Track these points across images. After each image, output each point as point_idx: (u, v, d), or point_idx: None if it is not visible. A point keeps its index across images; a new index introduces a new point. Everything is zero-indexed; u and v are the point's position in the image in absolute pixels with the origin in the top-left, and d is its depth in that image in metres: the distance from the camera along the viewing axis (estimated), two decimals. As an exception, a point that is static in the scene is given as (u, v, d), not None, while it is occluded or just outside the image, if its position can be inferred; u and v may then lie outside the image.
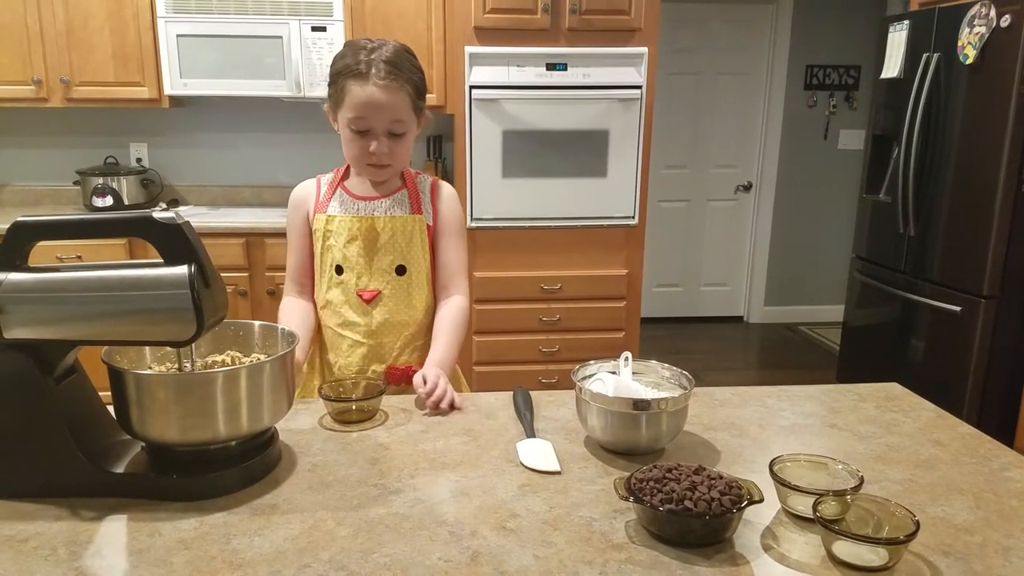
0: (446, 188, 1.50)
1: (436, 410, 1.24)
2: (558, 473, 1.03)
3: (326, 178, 1.48)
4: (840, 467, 0.95)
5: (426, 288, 1.46)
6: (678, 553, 0.84)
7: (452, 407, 1.25)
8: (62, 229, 0.95)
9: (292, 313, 1.45)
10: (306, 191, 1.47)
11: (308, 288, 1.49)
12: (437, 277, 1.48)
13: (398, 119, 1.33)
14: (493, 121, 3.12)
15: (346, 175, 1.47)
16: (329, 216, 1.42)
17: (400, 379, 1.43)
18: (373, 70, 1.29)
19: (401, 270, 1.43)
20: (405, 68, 1.33)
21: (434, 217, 1.46)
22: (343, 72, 1.32)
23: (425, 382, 1.25)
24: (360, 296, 1.42)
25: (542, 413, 1.25)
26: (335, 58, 1.35)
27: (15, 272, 0.92)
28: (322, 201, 1.45)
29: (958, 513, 0.94)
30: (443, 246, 1.47)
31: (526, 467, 1.05)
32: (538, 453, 1.08)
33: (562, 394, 1.33)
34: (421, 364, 1.41)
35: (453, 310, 1.45)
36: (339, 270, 1.42)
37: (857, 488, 0.90)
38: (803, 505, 0.90)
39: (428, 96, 3.30)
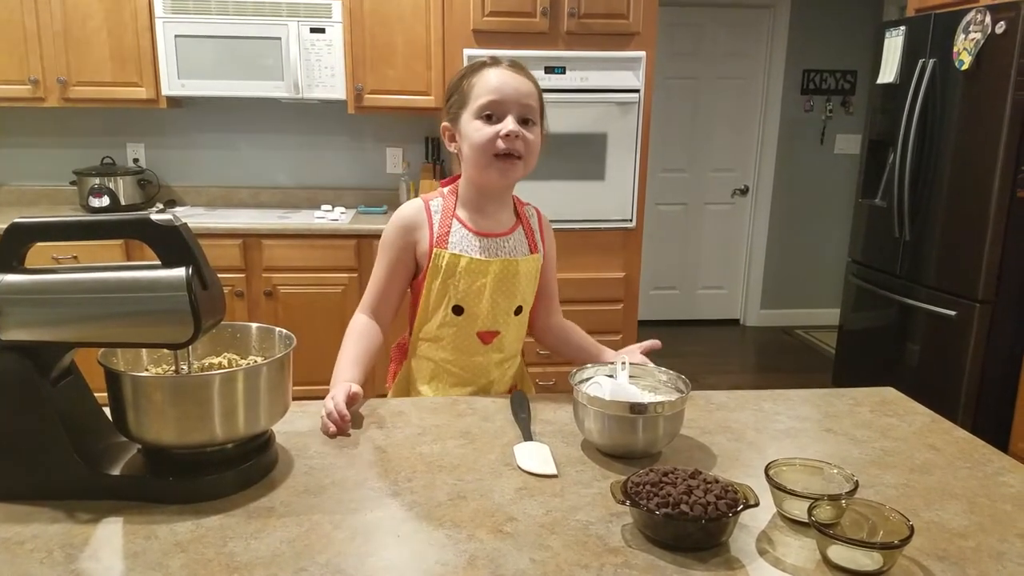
0: (546, 218, 1.47)
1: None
2: (555, 476, 1.04)
3: (435, 204, 1.37)
4: (835, 471, 0.95)
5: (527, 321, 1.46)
6: (674, 557, 0.84)
7: None
8: (59, 230, 0.95)
9: (369, 337, 1.37)
10: (417, 216, 1.36)
11: (383, 316, 1.41)
12: (540, 302, 1.46)
13: (529, 104, 1.29)
14: (491, 124, 3.12)
15: (456, 202, 1.37)
16: (456, 255, 1.33)
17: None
18: (502, 61, 1.31)
19: (519, 310, 1.40)
20: (526, 68, 1.34)
21: (544, 243, 1.44)
22: (469, 71, 1.31)
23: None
24: (480, 337, 1.37)
25: (539, 416, 1.25)
26: (453, 81, 1.34)
27: (12, 274, 0.92)
28: (440, 234, 1.34)
29: (952, 518, 0.95)
30: (549, 279, 1.46)
31: (523, 470, 1.05)
32: (535, 456, 1.08)
33: (558, 397, 1.33)
34: (507, 388, 1.44)
35: (575, 330, 1.52)
36: (458, 310, 1.35)
37: (852, 492, 0.91)
38: (798, 509, 0.90)
39: (426, 98, 3.35)
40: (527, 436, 1.15)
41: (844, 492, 0.90)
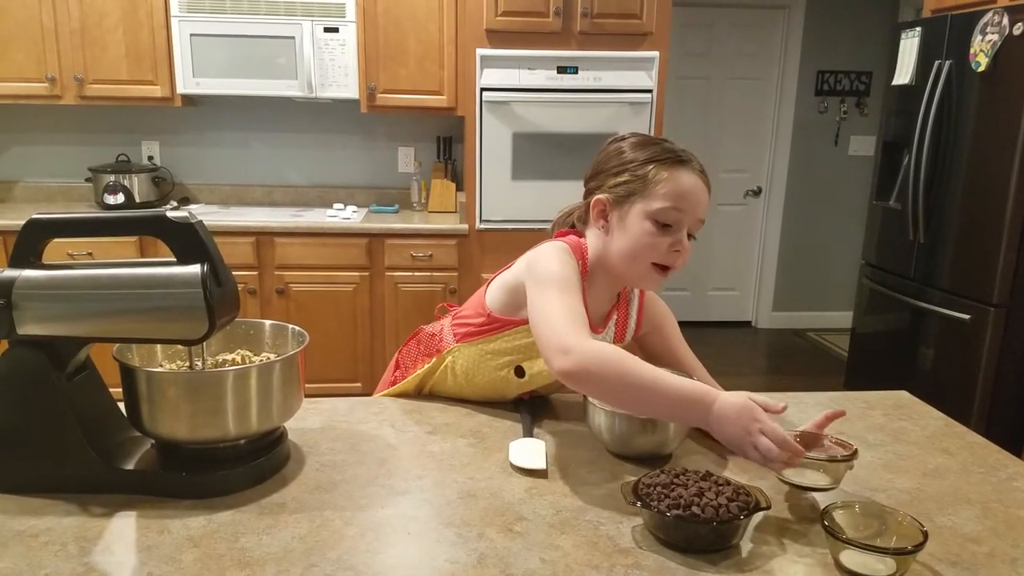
0: (652, 296, 1.37)
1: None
2: (543, 472, 1.03)
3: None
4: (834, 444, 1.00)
5: None
6: (685, 559, 0.84)
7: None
8: (76, 227, 0.96)
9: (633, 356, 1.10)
10: (578, 269, 1.21)
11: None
12: (667, 360, 1.34)
13: (702, 218, 1.19)
14: (503, 123, 3.12)
15: (588, 276, 1.23)
16: None
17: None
18: (695, 162, 1.18)
19: None
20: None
21: (638, 328, 1.34)
22: (656, 158, 1.16)
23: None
24: (521, 395, 1.31)
25: (549, 416, 1.25)
26: (627, 147, 1.20)
27: (29, 269, 0.93)
28: None
29: (966, 523, 0.94)
30: (665, 338, 1.36)
31: (513, 465, 1.05)
32: (527, 452, 1.08)
33: (569, 397, 1.33)
34: None
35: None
36: (520, 372, 1.26)
37: (850, 457, 0.96)
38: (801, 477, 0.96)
39: (438, 97, 3.36)
40: (526, 433, 1.15)
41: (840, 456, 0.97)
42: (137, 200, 3.42)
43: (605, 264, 1.22)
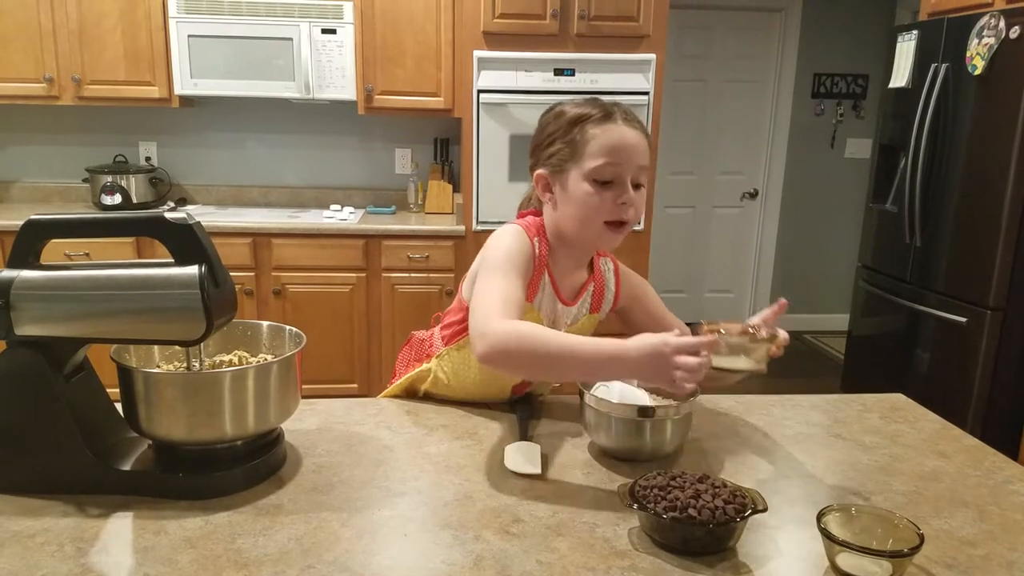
0: (626, 269, 1.37)
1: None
2: (538, 475, 1.03)
3: (536, 245, 1.23)
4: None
5: None
6: (681, 561, 0.84)
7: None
8: (75, 228, 0.96)
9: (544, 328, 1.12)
10: (532, 248, 1.22)
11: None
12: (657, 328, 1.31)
13: (643, 165, 1.18)
14: (500, 125, 3.13)
15: (551, 250, 1.25)
16: (539, 317, 1.24)
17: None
18: (616, 112, 1.17)
19: None
20: (637, 116, 1.21)
21: (616, 300, 1.34)
22: (580, 119, 1.17)
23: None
24: (515, 393, 1.31)
25: (546, 418, 1.25)
26: (550, 118, 1.21)
27: (27, 269, 0.93)
28: (532, 284, 1.22)
29: (962, 526, 0.94)
30: (649, 307, 1.35)
31: (508, 469, 1.05)
32: (524, 455, 1.08)
33: (566, 399, 1.33)
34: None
35: None
36: None
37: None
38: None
39: (435, 99, 3.36)
40: (522, 436, 1.15)
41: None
42: (134, 201, 3.42)
43: (562, 236, 1.24)
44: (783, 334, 1.05)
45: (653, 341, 0.96)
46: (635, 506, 0.87)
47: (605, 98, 1.21)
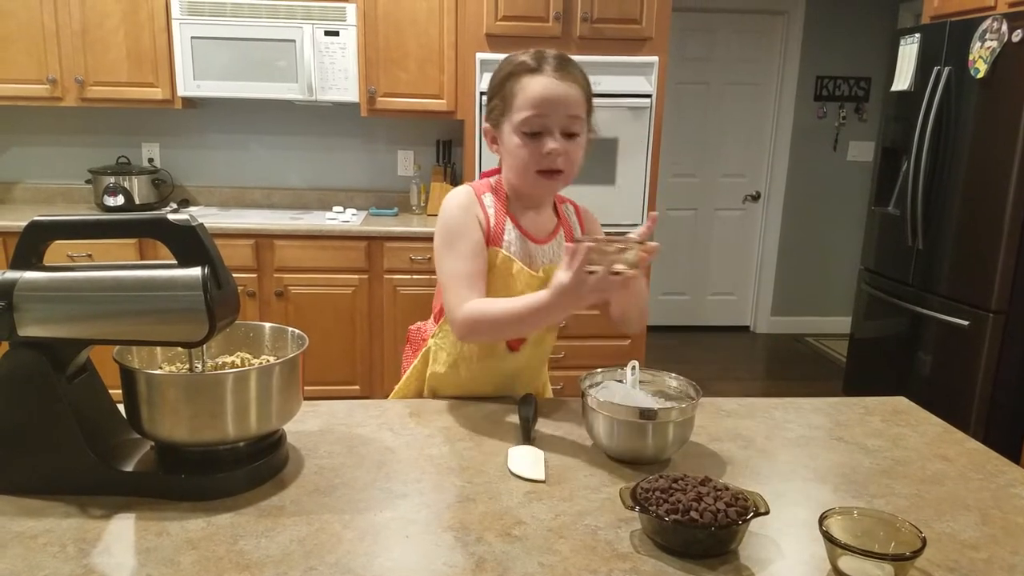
0: (587, 211, 1.41)
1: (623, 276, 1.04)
2: (542, 482, 1.03)
3: (488, 199, 1.29)
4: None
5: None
6: (683, 564, 0.84)
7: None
8: (78, 229, 0.96)
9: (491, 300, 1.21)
10: (472, 201, 1.27)
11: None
12: None
13: (574, 115, 1.20)
14: (503, 127, 3.13)
15: (508, 200, 1.30)
16: (509, 258, 1.27)
17: None
18: (545, 64, 1.20)
19: None
20: (575, 64, 1.23)
21: None
22: (511, 73, 1.21)
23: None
24: (508, 344, 1.32)
25: (547, 420, 1.25)
26: (494, 73, 1.25)
27: (31, 271, 0.93)
28: (495, 229, 1.27)
29: (964, 529, 0.94)
30: None
31: (512, 473, 1.05)
32: (527, 460, 1.08)
33: (568, 401, 1.33)
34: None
35: None
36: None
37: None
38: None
39: (438, 101, 3.37)
40: (526, 439, 1.15)
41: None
42: (137, 202, 3.42)
43: (515, 188, 1.30)
44: (652, 243, 1.09)
45: (554, 283, 1.06)
46: (637, 509, 0.87)
47: (550, 49, 1.25)
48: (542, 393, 1.48)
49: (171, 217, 0.91)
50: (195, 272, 0.91)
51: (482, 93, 3.07)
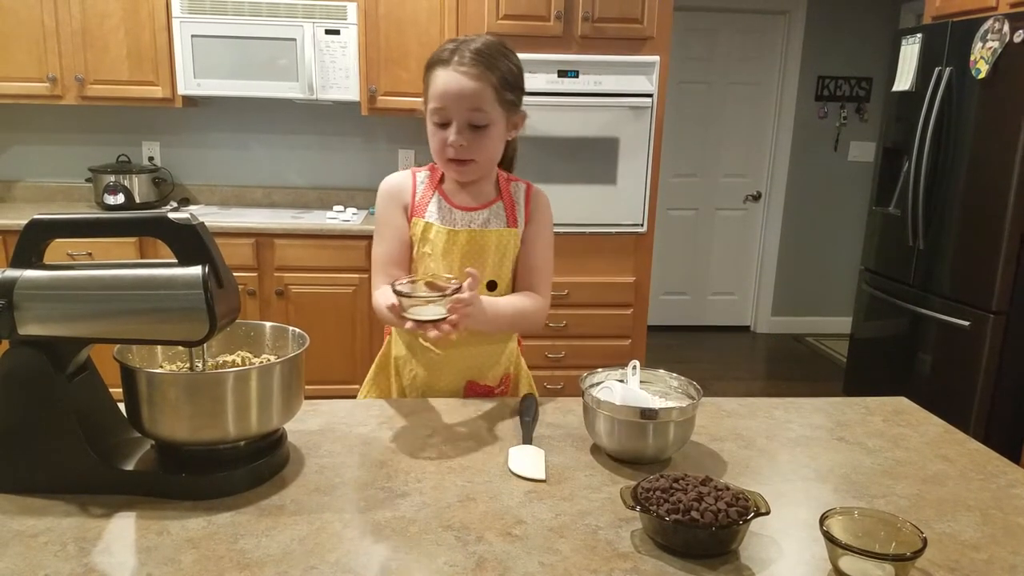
0: (541, 195, 1.44)
1: (430, 325, 1.11)
2: (543, 481, 1.03)
3: (421, 175, 1.38)
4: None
5: None
6: (684, 564, 0.84)
7: (450, 325, 1.11)
8: (78, 228, 0.96)
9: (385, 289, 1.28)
10: (401, 183, 1.38)
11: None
12: (520, 280, 1.39)
13: (478, 108, 1.24)
14: (504, 126, 3.13)
15: (444, 176, 1.38)
16: (427, 223, 1.34)
17: (479, 395, 1.39)
18: (456, 57, 1.23)
19: (492, 285, 1.37)
20: (492, 57, 1.25)
21: (527, 223, 1.40)
22: (430, 62, 1.27)
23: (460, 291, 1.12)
24: (433, 344, 1.35)
25: (548, 420, 1.25)
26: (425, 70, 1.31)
27: (31, 269, 0.93)
28: (420, 202, 1.36)
29: (965, 530, 0.94)
30: (530, 251, 1.39)
31: (512, 473, 1.05)
32: (528, 460, 1.08)
33: (568, 401, 1.33)
34: (503, 384, 1.43)
35: (525, 296, 1.37)
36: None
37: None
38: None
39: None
40: (526, 439, 1.15)
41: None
42: (137, 201, 3.42)
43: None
44: (463, 295, 1.12)
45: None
46: (638, 508, 0.87)
47: (475, 39, 1.28)
48: (527, 385, 1.49)
49: (171, 216, 0.91)
50: (196, 271, 0.91)
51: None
